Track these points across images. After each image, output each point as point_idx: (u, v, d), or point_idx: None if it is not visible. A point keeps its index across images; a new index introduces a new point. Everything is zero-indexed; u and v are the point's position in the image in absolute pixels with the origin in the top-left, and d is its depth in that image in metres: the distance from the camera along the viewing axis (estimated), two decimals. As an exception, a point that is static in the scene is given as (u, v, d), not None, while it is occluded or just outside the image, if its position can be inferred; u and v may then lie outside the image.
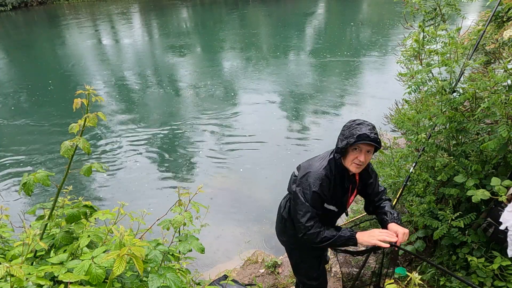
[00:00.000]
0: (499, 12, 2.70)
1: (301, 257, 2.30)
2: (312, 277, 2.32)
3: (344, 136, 1.86)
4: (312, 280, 2.33)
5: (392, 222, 1.97)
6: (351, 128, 1.85)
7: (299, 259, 2.33)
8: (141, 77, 9.82)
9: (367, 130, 1.80)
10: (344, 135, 1.87)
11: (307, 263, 2.29)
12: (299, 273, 2.41)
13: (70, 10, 22.56)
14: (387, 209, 2.05)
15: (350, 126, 1.87)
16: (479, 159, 2.40)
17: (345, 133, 1.86)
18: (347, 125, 1.89)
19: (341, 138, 1.89)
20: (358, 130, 1.80)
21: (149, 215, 1.80)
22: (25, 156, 5.86)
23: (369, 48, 11.02)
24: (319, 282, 2.36)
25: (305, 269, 2.33)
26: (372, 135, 1.79)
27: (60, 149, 1.40)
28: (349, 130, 1.84)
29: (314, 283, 2.34)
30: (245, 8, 20.52)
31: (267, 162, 5.33)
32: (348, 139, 1.82)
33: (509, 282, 2.22)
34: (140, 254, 1.08)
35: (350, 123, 1.88)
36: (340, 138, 1.90)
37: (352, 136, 1.80)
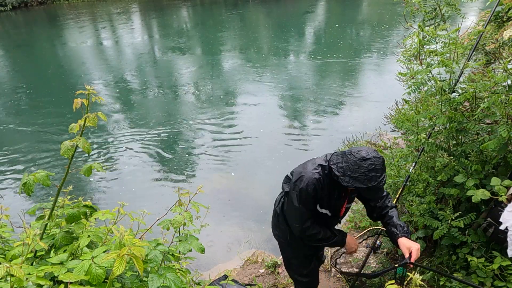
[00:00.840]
0: (499, 12, 2.70)
1: (293, 252, 2.32)
2: (303, 274, 2.34)
3: (352, 177, 1.71)
4: (302, 277, 2.35)
5: (403, 237, 1.91)
6: (360, 171, 1.69)
7: (290, 254, 2.35)
8: (141, 77, 9.82)
9: (378, 181, 1.69)
10: (352, 173, 1.71)
11: (298, 259, 2.31)
12: (290, 268, 2.43)
13: (70, 10, 22.56)
14: (396, 221, 1.97)
15: (359, 166, 1.69)
16: (479, 159, 2.40)
17: (354, 174, 1.71)
18: (357, 162, 1.70)
19: (348, 175, 1.72)
20: (369, 181, 1.69)
21: (149, 215, 1.79)
22: (25, 156, 5.86)
23: (369, 48, 11.02)
24: (309, 280, 2.37)
25: (295, 265, 2.35)
26: (381, 185, 1.71)
27: (60, 149, 1.40)
28: (359, 173, 1.69)
29: (304, 280, 2.36)
30: (245, 8, 20.52)
31: (267, 162, 5.33)
32: (356, 184, 1.71)
33: (509, 282, 2.22)
34: (140, 254, 1.08)
35: (360, 163, 1.69)
36: (345, 173, 1.73)
37: (361, 183, 1.70)
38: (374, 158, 1.70)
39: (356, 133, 5.60)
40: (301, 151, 5.59)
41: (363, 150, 1.74)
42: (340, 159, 1.80)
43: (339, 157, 1.83)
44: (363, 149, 1.75)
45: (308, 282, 2.37)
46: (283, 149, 5.66)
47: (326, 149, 5.43)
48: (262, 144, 5.84)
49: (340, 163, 1.78)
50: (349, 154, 1.75)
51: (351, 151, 1.76)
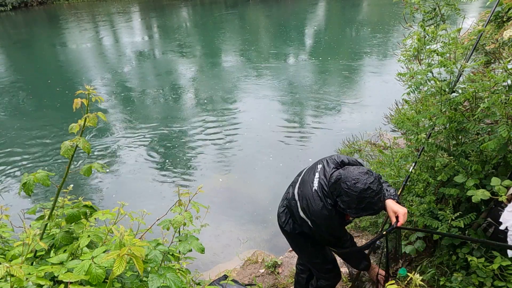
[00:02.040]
0: (499, 12, 2.70)
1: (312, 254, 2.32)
2: (328, 270, 2.35)
3: (360, 208, 1.75)
4: (327, 272, 2.36)
5: (389, 199, 1.93)
6: (365, 201, 1.72)
7: (310, 256, 2.35)
8: (141, 77, 9.82)
9: (381, 200, 1.78)
10: (358, 205, 1.74)
11: (320, 258, 2.31)
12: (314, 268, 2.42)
13: (70, 10, 22.56)
14: (384, 186, 1.99)
15: (363, 198, 1.71)
16: (479, 159, 2.40)
17: (360, 205, 1.73)
18: (360, 196, 1.71)
19: (355, 207, 1.75)
20: (375, 205, 1.75)
21: (149, 215, 1.80)
22: (25, 156, 5.86)
23: (369, 48, 11.02)
24: (334, 274, 2.39)
25: (319, 263, 2.34)
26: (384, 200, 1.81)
27: (60, 149, 1.40)
28: (365, 203, 1.73)
29: (331, 274, 2.37)
30: (245, 8, 20.53)
31: (267, 162, 5.33)
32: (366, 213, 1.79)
33: (509, 282, 2.22)
34: (140, 254, 1.08)
35: (363, 195, 1.71)
36: (351, 205, 1.75)
37: (371, 210, 1.76)
38: (371, 184, 1.71)
39: (356, 133, 5.60)
40: (301, 151, 5.59)
41: (358, 181, 1.72)
42: (340, 192, 1.80)
43: (338, 189, 1.81)
44: (357, 179, 1.73)
45: (334, 276, 2.39)
46: (283, 149, 5.66)
47: (326, 149, 5.45)
48: (262, 144, 5.84)
49: (342, 197, 1.79)
50: (347, 188, 1.74)
51: (348, 185, 1.74)
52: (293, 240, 2.29)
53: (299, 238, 2.22)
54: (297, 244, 2.31)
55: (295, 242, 2.31)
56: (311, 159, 5.31)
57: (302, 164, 5.19)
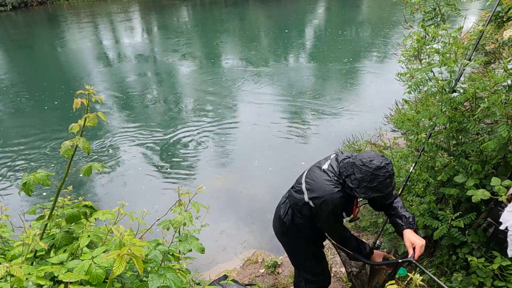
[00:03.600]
0: (499, 12, 2.70)
1: (303, 255, 2.31)
2: (317, 273, 2.33)
3: (370, 188, 1.72)
4: (317, 276, 2.34)
5: (408, 229, 1.88)
6: (378, 180, 1.70)
7: (301, 258, 2.34)
8: (141, 77, 9.82)
9: (392, 185, 1.73)
10: (368, 183, 1.71)
11: (310, 260, 2.30)
12: (303, 270, 2.41)
13: (70, 10, 22.56)
14: (401, 211, 1.94)
15: (376, 176, 1.69)
16: (479, 159, 2.40)
17: (371, 184, 1.71)
18: (373, 173, 1.69)
19: (364, 186, 1.72)
20: (386, 188, 1.71)
21: (149, 215, 1.80)
22: (25, 156, 5.86)
23: (369, 48, 11.02)
24: (323, 278, 2.37)
25: (309, 266, 2.34)
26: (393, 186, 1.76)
27: (60, 149, 1.40)
28: (376, 182, 1.70)
29: (320, 278, 2.35)
30: (245, 8, 20.52)
31: (267, 162, 5.33)
32: (374, 194, 1.73)
33: (509, 282, 2.22)
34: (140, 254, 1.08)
35: (377, 173, 1.69)
36: (361, 184, 1.73)
37: (379, 192, 1.72)
38: (387, 165, 1.71)
39: (356, 133, 5.60)
40: (301, 151, 5.59)
41: (374, 158, 1.73)
42: (351, 170, 1.78)
43: (349, 168, 1.80)
44: (373, 157, 1.74)
45: (323, 280, 2.38)
46: (283, 149, 5.66)
47: (326, 149, 5.45)
48: (262, 144, 5.84)
49: (352, 175, 1.77)
50: (361, 165, 1.73)
51: (363, 162, 1.74)
52: (288, 238, 2.26)
53: (294, 234, 2.20)
54: (291, 243, 2.29)
55: (289, 240, 2.28)
56: (311, 159, 5.31)
57: (302, 164, 5.19)
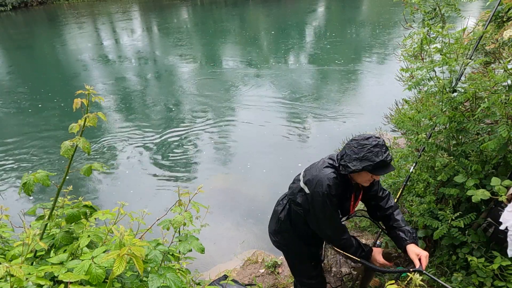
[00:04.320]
0: (499, 12, 2.70)
1: (298, 257, 2.30)
2: (312, 276, 2.32)
3: (358, 158, 1.73)
4: (311, 279, 2.33)
5: (412, 243, 1.90)
6: (365, 149, 1.72)
7: (295, 259, 2.33)
8: (141, 78, 9.82)
9: (384, 156, 1.71)
10: (357, 155, 1.73)
11: (305, 263, 2.29)
12: (297, 273, 2.41)
13: (70, 10, 22.56)
14: (404, 225, 1.95)
15: (363, 146, 1.73)
16: (479, 159, 2.40)
17: (359, 155, 1.73)
18: (360, 143, 1.75)
19: (354, 158, 1.74)
20: (375, 156, 1.70)
21: (149, 215, 1.79)
22: (25, 156, 5.86)
23: (369, 48, 11.02)
24: (318, 281, 2.36)
25: (303, 269, 2.33)
26: (389, 160, 1.72)
27: (60, 149, 1.40)
28: (364, 152, 1.72)
29: (313, 282, 2.34)
30: (245, 8, 20.52)
31: (267, 162, 5.33)
32: (363, 164, 1.72)
33: (509, 282, 2.22)
34: (140, 254, 1.08)
35: (363, 142, 1.74)
36: (351, 158, 1.75)
37: (368, 161, 1.71)
38: (376, 137, 1.76)
39: (356, 132, 5.60)
40: (301, 151, 5.59)
41: (364, 135, 1.80)
42: (343, 151, 1.84)
43: (343, 151, 1.86)
44: (364, 134, 1.82)
45: (317, 283, 2.36)
46: (283, 149, 5.66)
47: (326, 149, 5.45)
48: (262, 143, 5.84)
49: (345, 155, 1.81)
50: (350, 141, 1.82)
51: (353, 138, 1.82)
52: (282, 235, 2.24)
53: (289, 232, 2.18)
54: (286, 242, 2.26)
55: (284, 239, 2.25)
56: (311, 159, 5.30)
57: (302, 164, 5.19)
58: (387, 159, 1.72)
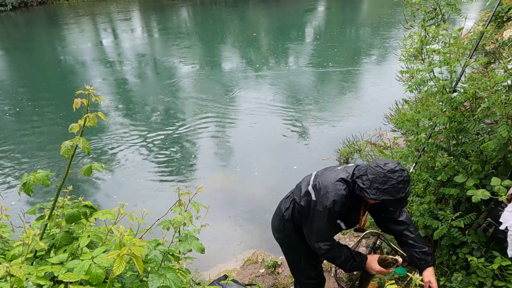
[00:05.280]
0: (499, 12, 2.70)
1: (298, 256, 2.30)
2: (311, 276, 2.32)
3: (380, 189, 1.69)
4: (310, 279, 2.33)
5: (431, 267, 1.91)
6: (389, 183, 1.68)
7: (295, 258, 2.33)
8: (141, 78, 9.82)
9: (405, 191, 1.70)
10: (380, 185, 1.69)
11: (304, 263, 2.29)
12: (297, 272, 2.41)
13: (70, 10, 22.55)
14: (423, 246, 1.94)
15: (388, 179, 1.68)
16: (479, 159, 2.40)
17: (382, 186, 1.69)
18: (386, 175, 1.68)
19: (376, 187, 1.70)
20: (398, 193, 1.68)
21: (149, 215, 1.79)
22: (25, 156, 5.86)
23: (369, 48, 11.02)
24: (317, 282, 2.36)
25: (302, 268, 2.33)
26: (408, 195, 1.72)
27: (60, 149, 1.40)
28: (388, 185, 1.68)
29: (312, 282, 2.34)
30: (245, 8, 20.52)
31: (267, 162, 5.33)
32: (384, 197, 1.69)
33: (509, 282, 2.22)
34: (140, 254, 1.08)
35: (390, 175, 1.68)
36: (372, 185, 1.71)
37: (390, 195, 1.69)
38: (401, 170, 1.70)
39: (356, 133, 5.60)
40: (301, 151, 5.59)
41: (390, 162, 1.73)
42: (364, 172, 1.78)
43: (362, 170, 1.80)
44: (389, 161, 1.74)
45: (315, 283, 2.36)
46: (283, 149, 5.66)
47: (326, 149, 5.45)
48: (262, 144, 5.84)
49: (365, 176, 1.76)
50: (376, 166, 1.74)
51: (377, 164, 1.74)
52: (284, 234, 2.25)
53: (290, 230, 2.19)
54: (287, 241, 2.27)
55: (285, 237, 2.26)
56: (310, 159, 5.31)
57: (302, 164, 5.19)
58: (407, 195, 1.72)
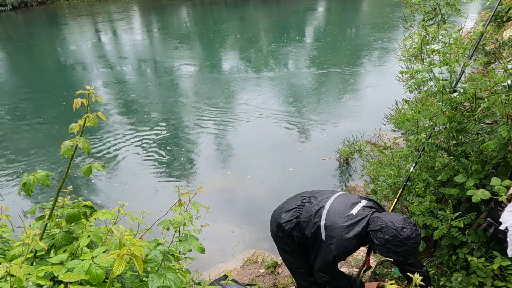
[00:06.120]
0: (499, 12, 2.70)
1: (298, 263, 2.30)
2: (310, 281, 2.32)
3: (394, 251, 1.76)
4: (311, 284, 2.33)
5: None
6: (404, 247, 1.74)
7: (295, 265, 2.33)
8: (141, 77, 9.82)
9: (415, 253, 1.77)
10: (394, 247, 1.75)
11: (304, 268, 2.29)
12: (297, 278, 2.41)
13: (70, 10, 22.55)
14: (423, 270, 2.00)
15: (403, 244, 1.74)
16: (479, 159, 2.40)
17: (396, 249, 1.75)
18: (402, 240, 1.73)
19: (389, 248, 1.76)
20: (409, 255, 1.76)
21: (149, 215, 1.79)
22: (25, 156, 5.86)
23: (369, 48, 11.02)
24: (317, 286, 2.35)
25: (302, 273, 2.33)
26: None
27: (60, 149, 1.40)
28: (401, 249, 1.74)
29: (313, 287, 2.34)
30: (245, 8, 20.52)
31: (267, 163, 5.33)
32: (395, 257, 1.76)
33: (509, 282, 2.22)
34: (140, 254, 1.08)
35: (406, 242, 1.73)
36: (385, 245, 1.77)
37: (401, 257, 1.76)
38: (417, 236, 1.75)
39: (356, 133, 5.60)
40: (301, 151, 5.59)
41: (407, 227, 1.76)
42: (380, 227, 1.81)
43: (378, 225, 1.82)
44: (406, 225, 1.76)
45: None
46: (283, 149, 5.66)
47: (326, 149, 5.45)
48: (262, 144, 5.84)
49: (380, 233, 1.80)
50: (393, 228, 1.76)
51: (395, 226, 1.77)
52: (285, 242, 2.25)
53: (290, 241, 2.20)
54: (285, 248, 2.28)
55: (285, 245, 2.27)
56: (310, 159, 5.31)
57: (302, 164, 5.19)
58: (417, 256, 1.83)
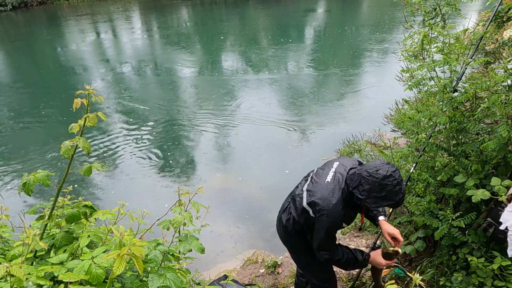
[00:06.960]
0: (499, 12, 2.70)
1: (309, 261, 2.29)
2: (323, 279, 2.32)
3: (379, 197, 1.73)
4: (323, 282, 2.32)
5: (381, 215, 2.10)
6: (386, 189, 1.71)
7: (307, 262, 2.32)
8: (141, 78, 9.82)
9: (402, 191, 1.74)
10: (378, 193, 1.73)
11: (316, 266, 2.28)
12: (309, 277, 2.39)
13: (70, 10, 22.55)
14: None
15: (384, 186, 1.71)
16: (479, 159, 2.40)
17: (381, 193, 1.72)
18: (381, 183, 1.71)
19: (374, 196, 1.73)
20: (396, 195, 1.73)
21: (149, 215, 1.79)
22: (25, 156, 5.86)
23: (368, 48, 11.02)
24: (330, 285, 2.36)
25: (314, 271, 2.32)
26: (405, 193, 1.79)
27: (60, 149, 1.40)
28: (385, 191, 1.72)
29: (326, 285, 2.33)
30: (245, 9, 20.52)
31: (267, 163, 5.33)
32: (385, 202, 1.74)
33: (509, 282, 2.22)
34: (140, 254, 1.08)
35: (384, 182, 1.70)
36: (370, 194, 1.74)
37: (390, 200, 1.73)
38: (393, 172, 1.72)
39: (356, 133, 5.60)
40: (301, 151, 5.59)
41: (380, 168, 1.74)
42: (358, 182, 1.79)
43: (355, 181, 1.81)
44: (378, 166, 1.75)
45: (329, 286, 2.35)
46: (283, 149, 5.65)
47: (326, 149, 5.45)
48: (262, 144, 5.84)
49: (360, 186, 1.77)
50: (368, 176, 1.75)
51: (369, 173, 1.75)
52: (291, 244, 2.26)
53: (297, 239, 2.19)
54: (295, 249, 2.29)
55: (293, 246, 2.27)
56: (310, 159, 5.31)
57: (302, 164, 5.19)
58: (404, 192, 1.77)
